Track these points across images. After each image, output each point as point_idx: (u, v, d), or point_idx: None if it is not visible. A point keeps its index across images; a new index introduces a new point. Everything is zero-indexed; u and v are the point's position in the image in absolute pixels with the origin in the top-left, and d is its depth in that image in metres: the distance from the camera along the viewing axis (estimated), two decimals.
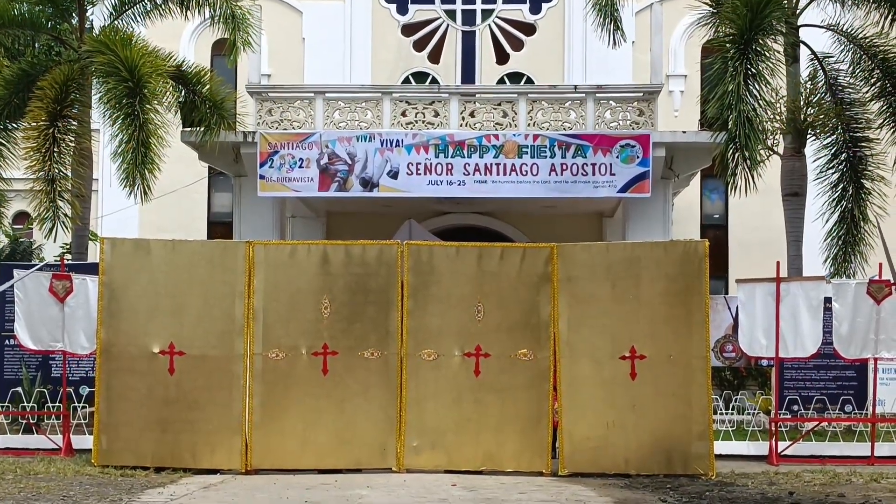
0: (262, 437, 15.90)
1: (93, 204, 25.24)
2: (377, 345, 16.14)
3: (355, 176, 24.20)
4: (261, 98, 25.20)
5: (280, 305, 16.11)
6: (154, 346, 16.04)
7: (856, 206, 23.04)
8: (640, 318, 15.94)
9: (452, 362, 16.18)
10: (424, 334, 16.24)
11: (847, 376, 21.05)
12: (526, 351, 16.15)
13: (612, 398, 15.94)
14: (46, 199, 22.60)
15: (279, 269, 16.21)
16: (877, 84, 22.98)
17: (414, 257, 16.40)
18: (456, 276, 16.30)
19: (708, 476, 15.48)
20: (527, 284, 16.25)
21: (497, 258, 16.37)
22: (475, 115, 25.01)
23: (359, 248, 16.55)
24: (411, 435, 16.09)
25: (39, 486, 13.46)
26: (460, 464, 16.09)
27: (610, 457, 15.88)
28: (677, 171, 25.47)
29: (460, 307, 16.23)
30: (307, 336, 16.09)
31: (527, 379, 16.12)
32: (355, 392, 16.10)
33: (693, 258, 16.06)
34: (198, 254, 16.51)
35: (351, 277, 16.23)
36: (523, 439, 16.12)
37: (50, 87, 22.70)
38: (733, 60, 21.56)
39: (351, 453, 16.03)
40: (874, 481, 14.92)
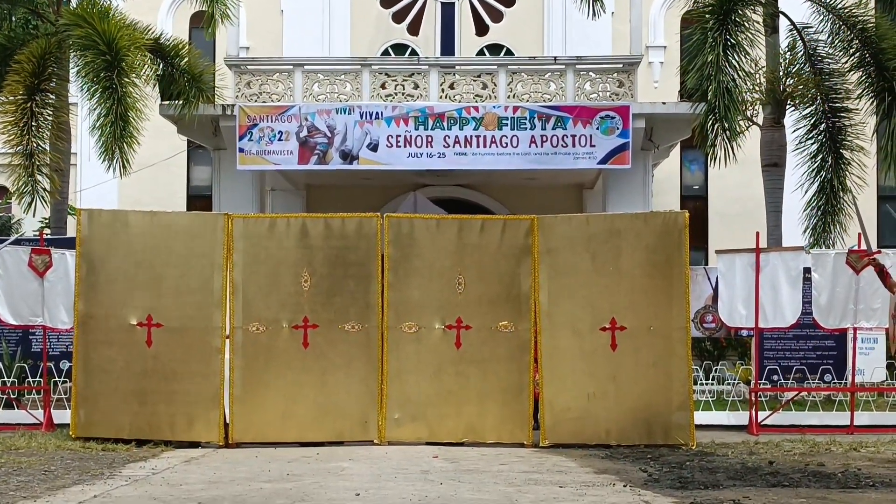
0: (243, 411, 15.89)
1: (71, 178, 25.16)
2: (357, 318, 16.12)
3: (335, 149, 24.15)
4: (239, 71, 25.11)
5: (260, 278, 16.06)
6: (132, 317, 15.98)
7: (835, 176, 23.10)
8: (620, 289, 15.97)
9: (433, 335, 16.18)
10: (405, 307, 16.22)
11: (826, 346, 21.15)
12: (507, 323, 16.16)
13: (592, 369, 15.98)
14: (25, 174, 22.51)
15: (259, 242, 16.16)
16: (855, 54, 23.00)
17: (394, 230, 16.38)
18: (436, 249, 16.29)
19: (688, 446, 15.54)
20: (507, 256, 16.25)
21: (477, 230, 16.37)
22: (455, 87, 24.97)
23: (338, 220, 16.51)
24: (392, 407, 16.11)
25: (20, 461, 13.44)
26: (442, 436, 16.12)
27: (591, 428, 15.92)
28: (657, 143, 25.49)
29: (441, 279, 16.22)
30: (287, 309, 16.06)
31: (508, 351, 16.14)
32: (336, 365, 16.09)
33: (673, 229, 16.08)
34: (176, 225, 16.44)
35: (330, 250, 16.20)
36: (504, 411, 16.14)
37: (27, 60, 22.58)
38: (712, 31, 21.57)
39: (332, 426, 16.04)
40: (854, 450, 14.99)
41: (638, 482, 12.04)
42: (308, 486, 11.64)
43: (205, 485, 11.82)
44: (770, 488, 11.55)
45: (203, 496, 10.93)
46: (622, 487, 11.64)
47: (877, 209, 30.88)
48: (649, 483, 11.98)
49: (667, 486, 11.74)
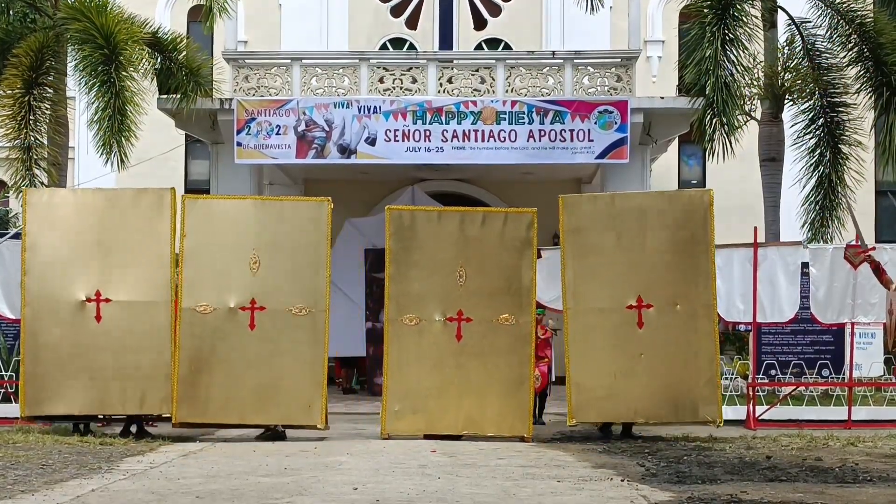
0: (187, 391, 15.88)
1: (69, 172, 25.14)
2: (305, 301, 16.09)
3: (333, 143, 24.12)
4: (237, 65, 25.07)
5: (209, 259, 16.06)
6: (80, 293, 16.04)
7: (833, 171, 23.10)
8: (646, 267, 15.97)
9: (434, 327, 16.21)
10: (406, 299, 16.26)
11: (824, 341, 21.16)
12: (508, 316, 16.19)
13: (619, 348, 16.01)
14: (22, 167, 22.52)
15: (210, 222, 16.16)
16: (854, 49, 22.99)
17: (396, 222, 16.39)
18: (438, 241, 16.31)
19: (717, 423, 15.59)
20: (509, 249, 16.27)
21: (479, 223, 16.38)
22: (453, 82, 24.95)
23: (289, 203, 16.67)
24: (393, 399, 16.14)
25: (18, 455, 13.43)
26: (441, 428, 16.15)
27: (618, 406, 15.98)
28: (655, 137, 25.46)
29: (442, 272, 16.25)
30: (236, 291, 16.04)
31: (508, 343, 16.17)
32: (283, 349, 16.07)
33: (698, 207, 16.12)
34: (126, 203, 16.51)
35: (280, 233, 16.19)
36: (505, 404, 16.17)
37: (25, 54, 22.57)
38: (711, 26, 21.57)
39: (277, 410, 16.03)
40: (851, 445, 15.01)
41: (635, 476, 12.05)
42: (306, 481, 11.64)
43: (203, 479, 11.82)
44: (767, 483, 11.56)
45: (201, 490, 10.94)
46: (620, 482, 11.65)
47: (875, 204, 30.87)
48: (647, 477, 11.99)
49: (664, 480, 11.75)
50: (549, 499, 10.50)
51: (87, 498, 10.42)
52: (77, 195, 16.71)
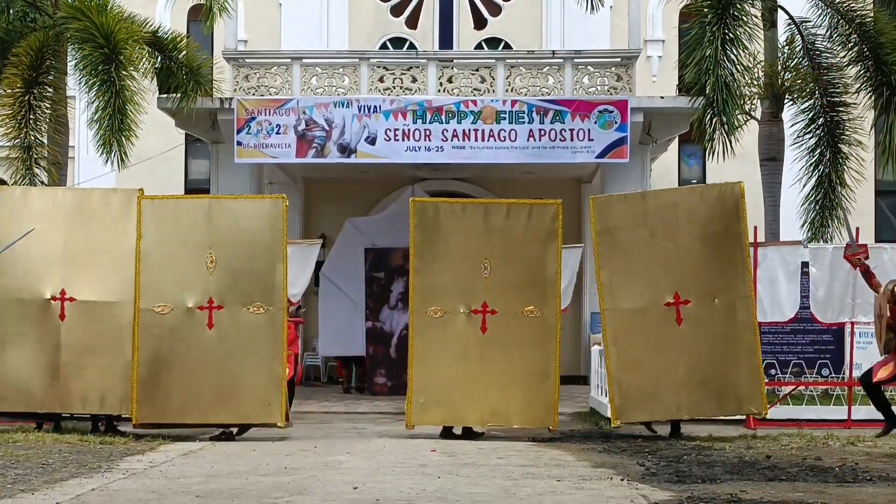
0: (147, 392, 15.83)
1: (69, 171, 25.14)
2: (262, 300, 16.07)
3: (333, 142, 24.13)
4: (237, 64, 25.08)
5: (166, 259, 15.99)
6: (46, 292, 16.07)
7: (833, 170, 23.10)
8: (681, 263, 15.90)
9: (459, 319, 16.18)
10: (430, 291, 16.24)
11: (824, 340, 21.17)
12: (532, 308, 16.15)
13: (659, 345, 15.92)
14: (23, 167, 22.53)
15: (166, 222, 16.12)
16: (854, 48, 22.99)
17: (420, 214, 16.40)
18: (462, 233, 16.28)
19: (761, 414, 15.60)
20: (533, 241, 16.22)
21: (503, 215, 16.35)
22: (453, 81, 24.95)
23: (244, 202, 16.67)
24: (418, 392, 16.12)
25: (18, 455, 13.42)
26: (467, 420, 16.17)
27: (662, 404, 15.90)
28: (655, 137, 25.48)
29: (467, 264, 16.21)
30: (193, 290, 16.01)
31: (533, 336, 16.14)
32: (241, 347, 16.03)
33: (729, 199, 16.09)
34: (95, 203, 16.55)
35: (237, 232, 16.16)
36: (530, 396, 16.16)
37: (25, 53, 22.57)
38: (711, 25, 21.58)
39: (236, 409, 15.98)
40: (851, 444, 15.00)
41: (635, 476, 12.04)
42: (306, 480, 11.65)
43: (203, 478, 11.82)
44: (767, 482, 11.55)
45: (201, 490, 10.94)
46: (619, 481, 11.65)
47: (874, 204, 30.86)
48: (647, 477, 11.98)
49: (664, 479, 11.75)
50: (548, 498, 10.50)
51: (87, 497, 10.42)
52: (48, 194, 16.79)
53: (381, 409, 21.36)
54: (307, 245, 20.67)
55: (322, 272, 26.26)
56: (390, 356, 24.91)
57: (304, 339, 28.99)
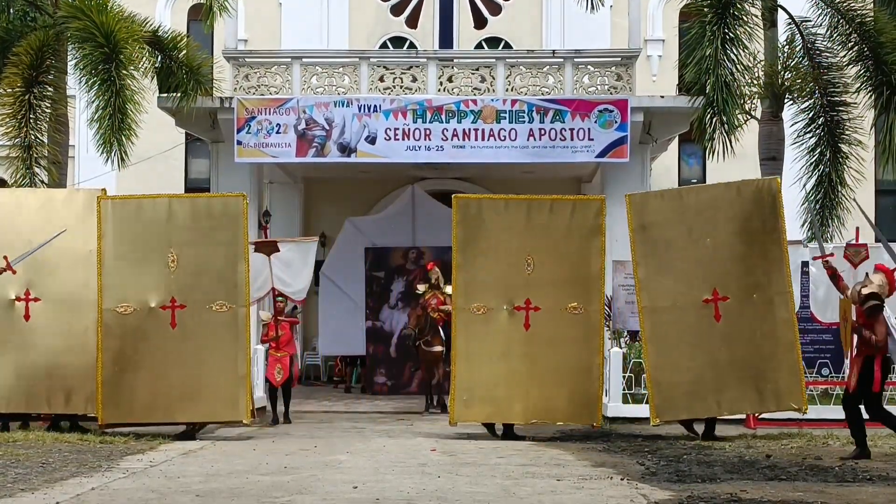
0: (112, 392, 15.82)
1: (69, 171, 25.12)
2: (225, 298, 16.09)
3: (333, 141, 24.12)
4: (237, 63, 25.07)
5: (128, 259, 15.98)
6: (10, 292, 16.12)
7: (833, 170, 23.08)
8: (718, 260, 15.81)
9: (502, 316, 16.14)
10: (473, 288, 16.23)
11: (824, 340, 21.15)
12: (576, 304, 16.12)
13: (698, 343, 15.83)
14: (23, 166, 22.51)
15: (126, 222, 16.11)
16: (854, 48, 22.98)
17: (462, 211, 16.36)
18: (505, 230, 16.24)
19: (802, 410, 15.56)
20: (577, 237, 16.17)
21: (547, 211, 16.31)
22: (453, 81, 24.94)
23: (204, 200, 16.68)
24: (461, 388, 16.08)
25: (18, 454, 13.45)
26: (510, 417, 16.13)
27: (701, 401, 15.80)
28: (655, 136, 25.46)
29: (510, 260, 16.16)
30: (155, 290, 16.01)
31: (577, 332, 16.11)
32: (205, 346, 16.05)
33: (766, 196, 16.04)
34: (59, 203, 16.64)
35: (198, 231, 16.17)
36: (573, 392, 16.12)
37: (25, 53, 22.55)
38: (711, 25, 21.57)
39: (201, 407, 16.00)
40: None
41: (635, 475, 12.06)
42: (306, 479, 11.66)
43: (202, 477, 11.83)
44: (767, 482, 11.57)
45: (201, 489, 10.95)
46: (619, 481, 11.66)
47: (875, 203, 30.84)
48: (646, 476, 11.99)
49: (664, 479, 11.76)
50: (548, 497, 10.51)
51: (86, 496, 10.43)
52: (15, 194, 16.82)
53: (381, 408, 21.37)
54: (303, 242, 20.59)
55: (322, 272, 26.27)
56: (390, 356, 24.93)
57: (305, 339, 29.05)
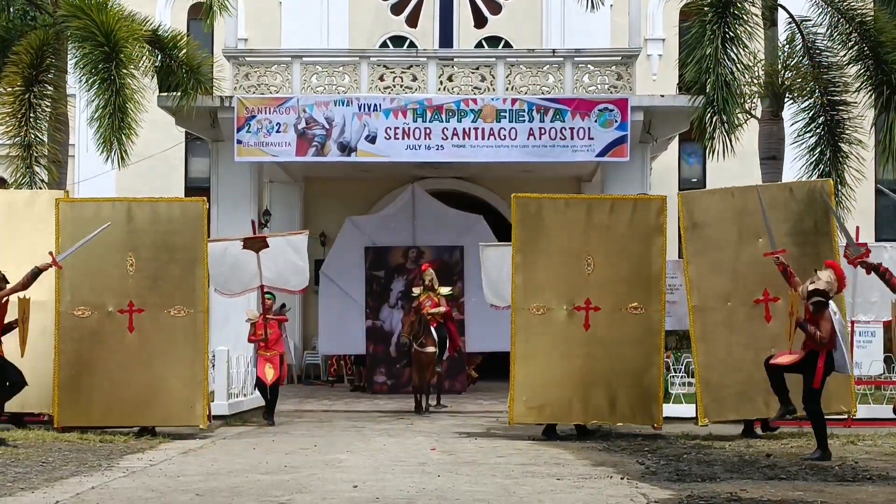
0: (70, 395, 15.78)
1: (69, 169, 25.12)
2: (183, 302, 16.06)
3: (333, 141, 24.13)
4: (237, 63, 25.08)
5: (86, 262, 15.87)
6: None
7: (833, 169, 23.06)
8: (770, 260, 15.71)
9: (561, 316, 15.97)
10: (532, 288, 16.04)
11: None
12: (636, 304, 15.97)
13: (748, 343, 15.70)
14: (23, 165, 22.51)
15: (85, 225, 15.99)
16: (854, 47, 22.98)
17: (522, 210, 16.19)
18: (565, 229, 16.06)
19: (851, 414, 15.47)
20: (637, 236, 16.01)
21: (607, 210, 16.16)
22: (453, 80, 24.94)
23: (164, 204, 16.61)
24: (520, 388, 15.92)
25: (18, 453, 13.44)
26: (569, 418, 16.03)
27: (750, 402, 15.65)
28: (655, 135, 25.48)
29: (570, 260, 15.99)
30: (113, 293, 15.96)
31: (637, 333, 15.94)
32: (162, 350, 16.01)
33: (818, 197, 15.91)
34: (20, 204, 16.66)
35: (156, 235, 16.11)
36: (633, 393, 15.99)
37: (25, 52, 22.55)
38: (711, 24, 21.57)
39: (158, 411, 15.96)
40: (851, 443, 15.01)
41: (635, 475, 12.05)
42: (305, 478, 11.65)
43: (202, 476, 11.83)
44: (767, 481, 11.56)
45: (201, 488, 10.94)
46: (619, 480, 11.65)
47: (875, 202, 30.83)
48: (646, 475, 11.98)
49: (664, 478, 11.75)
50: (548, 497, 10.50)
51: (86, 495, 10.42)
52: None
53: (381, 407, 21.37)
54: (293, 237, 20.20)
55: (322, 271, 26.26)
56: (390, 355, 24.93)
57: (304, 338, 29.05)
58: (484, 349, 25.54)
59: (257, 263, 18.05)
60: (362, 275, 25.46)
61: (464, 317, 25.07)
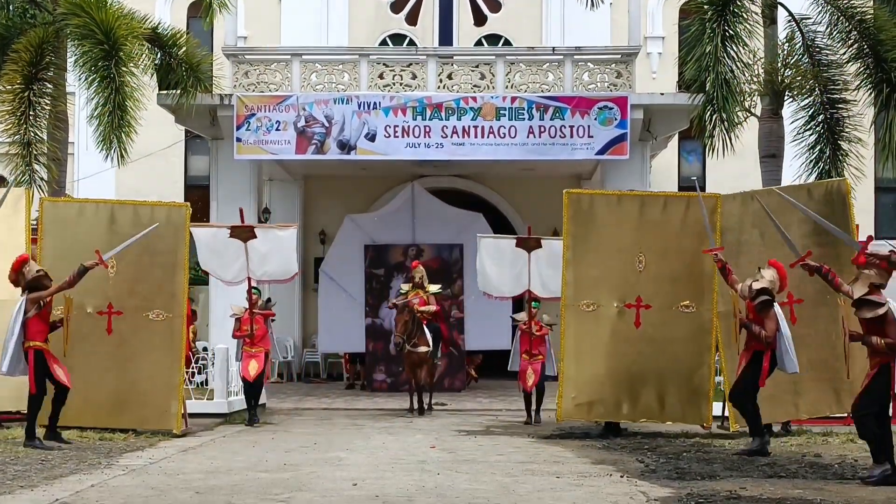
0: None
1: (69, 167, 25.12)
2: (163, 307, 16.06)
3: (332, 139, 24.12)
4: (237, 60, 25.07)
5: (67, 263, 15.55)
6: None
7: (833, 167, 23.04)
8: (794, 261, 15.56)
9: (612, 313, 15.82)
10: (583, 284, 15.93)
11: None
12: (688, 302, 15.86)
13: None
14: (22, 163, 22.48)
15: (67, 226, 16.00)
16: (854, 45, 22.96)
17: (574, 206, 16.05)
18: (617, 226, 15.92)
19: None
20: (690, 234, 15.79)
21: (660, 207, 16.01)
22: (453, 78, 24.94)
23: (146, 208, 16.54)
24: (568, 386, 15.85)
25: (17, 451, 13.46)
26: (619, 416, 15.94)
27: (781, 405, 15.54)
28: (655, 133, 25.47)
29: (621, 257, 15.83)
30: (93, 295, 15.88)
31: (688, 331, 15.82)
32: (139, 353, 15.99)
33: (836, 197, 15.79)
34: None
35: None
36: (683, 392, 15.89)
37: (25, 49, 22.53)
38: (711, 22, 21.56)
39: (134, 414, 15.91)
40: (850, 441, 14.98)
41: (635, 473, 12.05)
42: (305, 476, 11.65)
43: (202, 474, 11.83)
44: (767, 479, 11.57)
45: (200, 486, 10.94)
46: (619, 478, 11.66)
47: (874, 201, 30.86)
48: (646, 474, 11.99)
49: (664, 476, 11.76)
50: (548, 495, 10.51)
51: (86, 493, 10.43)
52: None
53: (380, 405, 21.37)
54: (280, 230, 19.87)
55: (321, 269, 26.28)
56: (390, 353, 24.92)
57: (304, 336, 29.05)
58: (483, 347, 25.55)
59: (245, 255, 17.78)
60: (362, 273, 25.46)
61: (463, 315, 25.09)
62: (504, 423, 18.44)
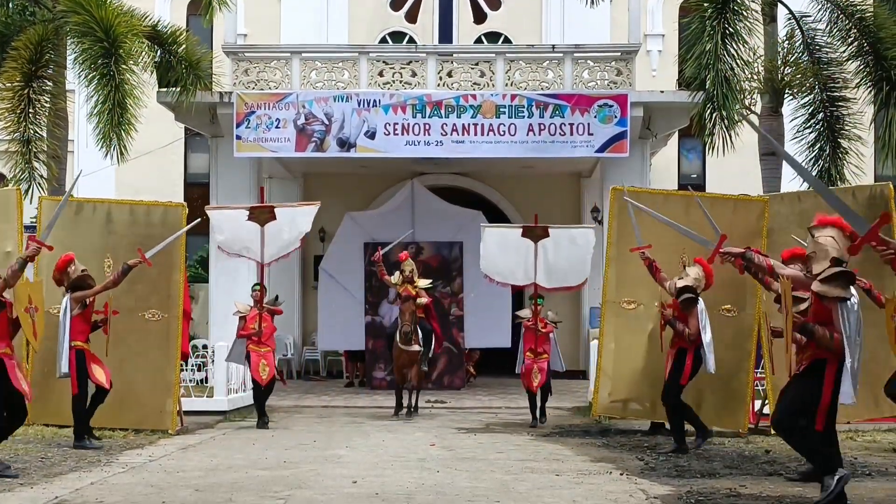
0: (41, 393, 15.45)
1: (69, 165, 25.10)
2: (159, 307, 16.08)
3: (332, 136, 24.11)
4: (237, 58, 25.06)
5: None
6: None
7: (832, 165, 23.07)
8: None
9: (653, 313, 15.56)
10: (625, 282, 15.86)
11: None
12: (729, 306, 15.76)
13: None
14: (22, 161, 22.49)
15: (64, 225, 15.74)
16: (854, 43, 22.96)
17: (619, 202, 15.92)
18: (661, 225, 15.72)
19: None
20: (736, 237, 15.28)
21: (706, 208, 15.95)
22: (453, 75, 24.93)
23: (143, 208, 16.52)
24: (605, 381, 15.80)
25: (17, 449, 13.45)
26: (655, 416, 15.83)
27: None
28: (655, 131, 25.47)
29: (664, 257, 15.44)
30: None
31: (729, 336, 15.63)
32: (135, 353, 15.98)
33: (879, 201, 15.64)
34: None
35: (135, 238, 15.95)
36: (720, 397, 15.74)
37: (24, 47, 22.53)
38: (711, 20, 21.56)
39: (129, 414, 15.87)
40: (850, 439, 15.00)
41: (634, 471, 12.06)
42: (305, 474, 11.66)
43: (202, 472, 11.83)
44: (766, 477, 11.57)
45: (200, 483, 10.95)
46: (619, 476, 11.66)
47: None
48: (646, 471, 12.00)
49: (663, 474, 11.76)
50: (547, 493, 10.51)
51: (85, 491, 10.43)
52: None
53: (380, 403, 21.35)
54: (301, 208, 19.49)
55: (321, 266, 26.28)
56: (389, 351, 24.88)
57: (304, 334, 29.06)
58: (482, 345, 25.56)
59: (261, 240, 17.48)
60: (361, 270, 25.44)
61: (462, 313, 25.09)
62: (504, 420, 18.44)
